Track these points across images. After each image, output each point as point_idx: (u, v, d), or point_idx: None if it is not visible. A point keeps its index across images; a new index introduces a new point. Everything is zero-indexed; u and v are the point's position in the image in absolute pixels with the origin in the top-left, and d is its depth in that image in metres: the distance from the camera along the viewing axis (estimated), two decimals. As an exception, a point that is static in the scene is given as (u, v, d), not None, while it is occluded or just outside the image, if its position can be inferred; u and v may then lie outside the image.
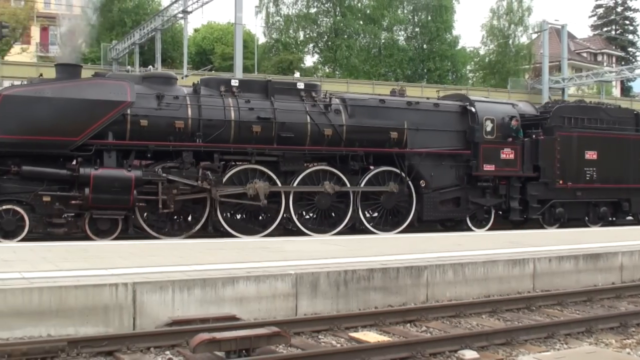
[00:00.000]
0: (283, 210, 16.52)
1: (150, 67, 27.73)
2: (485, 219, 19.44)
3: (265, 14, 56.85)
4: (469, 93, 26.22)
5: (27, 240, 13.52)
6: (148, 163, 15.72)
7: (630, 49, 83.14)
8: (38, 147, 14.23)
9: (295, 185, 16.69)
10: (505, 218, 19.88)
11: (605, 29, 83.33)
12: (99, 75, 16.24)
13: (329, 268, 9.54)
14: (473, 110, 18.85)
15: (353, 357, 6.98)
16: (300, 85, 17.51)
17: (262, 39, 58.83)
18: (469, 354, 7.27)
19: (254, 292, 8.70)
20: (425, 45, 57.98)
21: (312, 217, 17.46)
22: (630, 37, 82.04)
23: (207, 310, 8.31)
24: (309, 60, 59.44)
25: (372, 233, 17.14)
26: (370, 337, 7.92)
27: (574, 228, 19.99)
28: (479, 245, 13.30)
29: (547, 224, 20.26)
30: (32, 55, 54.23)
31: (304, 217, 17.45)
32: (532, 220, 20.06)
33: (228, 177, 16.01)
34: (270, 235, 16.12)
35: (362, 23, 55.93)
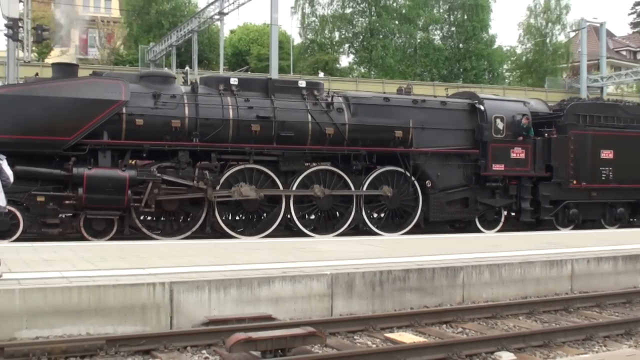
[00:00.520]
0: (283, 211, 16.23)
1: (187, 67, 27.95)
2: (496, 220, 18.92)
3: (301, 15, 57.11)
4: (506, 92, 25.80)
5: (21, 241, 13.47)
6: (147, 163, 15.55)
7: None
8: (31, 146, 14.06)
9: (295, 187, 16.37)
10: (516, 219, 19.43)
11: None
12: (97, 75, 16.11)
13: (365, 268, 9.54)
14: (482, 109, 18.35)
15: (388, 357, 6.97)
16: (302, 84, 17.17)
17: (297, 40, 59.18)
18: (506, 356, 7.22)
19: (290, 292, 8.73)
20: (461, 45, 57.64)
21: (314, 218, 17.19)
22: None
23: (243, 310, 8.36)
24: (345, 61, 59.54)
25: (375, 234, 16.81)
26: (406, 337, 7.90)
27: (590, 230, 19.41)
28: (516, 246, 13.19)
29: (560, 226, 19.60)
30: (71, 58, 55.00)
31: (308, 218, 17.18)
32: (545, 222, 19.46)
33: (226, 177, 15.72)
34: (271, 236, 15.76)
35: (397, 23, 55.76)
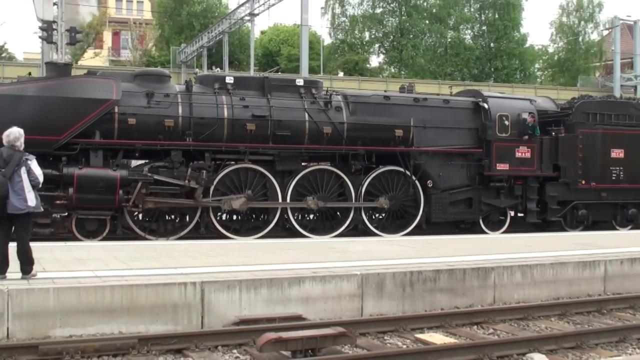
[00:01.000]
0: (279, 212, 15.96)
1: (218, 69, 28.08)
2: (501, 221, 18.47)
3: (331, 15, 57.17)
4: (537, 92, 25.30)
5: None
6: (144, 162, 15.47)
7: None
8: None
9: (292, 187, 16.03)
10: (523, 220, 18.94)
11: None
12: (91, 74, 15.93)
13: (395, 269, 9.53)
14: (486, 107, 17.93)
15: (419, 358, 6.97)
16: (300, 82, 16.87)
17: (327, 40, 59.19)
18: (538, 358, 7.17)
19: (320, 292, 8.75)
20: (493, 44, 57.21)
21: (312, 218, 16.94)
22: None
23: (273, 310, 8.39)
24: (375, 61, 59.47)
25: (375, 235, 16.50)
26: (437, 338, 7.88)
27: (601, 231, 18.89)
28: (548, 247, 13.07)
29: (569, 227, 19.01)
30: (104, 60, 55.71)
31: (306, 217, 16.95)
32: (553, 223, 18.94)
33: (220, 177, 15.51)
34: (268, 237, 15.52)
35: (427, 22, 55.55)
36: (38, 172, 8.30)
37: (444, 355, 7.06)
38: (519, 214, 19.00)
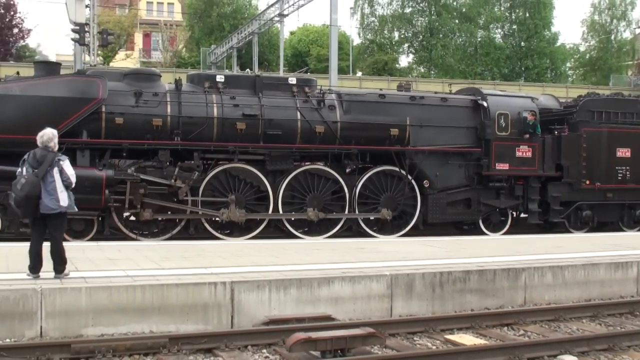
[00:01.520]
0: (272, 211, 15.73)
1: (248, 70, 28.17)
2: (502, 222, 18.05)
3: (360, 15, 57.17)
4: (569, 91, 24.78)
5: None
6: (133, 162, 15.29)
7: None
8: (7, 145, 13.54)
9: (283, 187, 15.80)
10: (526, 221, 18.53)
11: None
12: (80, 73, 15.79)
13: (425, 269, 9.51)
14: (485, 105, 17.49)
15: (449, 359, 6.94)
16: (292, 81, 16.53)
17: (357, 40, 59.25)
18: (569, 359, 7.11)
19: (349, 292, 8.75)
20: (523, 43, 56.82)
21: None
22: None
23: (302, 310, 8.42)
24: (404, 61, 59.30)
25: (370, 236, 16.19)
26: (466, 339, 7.84)
27: (607, 232, 18.45)
28: (579, 248, 12.96)
29: (573, 228, 18.58)
30: (135, 61, 56.20)
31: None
32: (556, 225, 18.48)
33: (209, 178, 15.33)
34: (260, 237, 15.27)
35: (457, 22, 55.35)
36: (70, 172, 8.36)
37: (474, 357, 7.03)
38: (523, 215, 18.58)
